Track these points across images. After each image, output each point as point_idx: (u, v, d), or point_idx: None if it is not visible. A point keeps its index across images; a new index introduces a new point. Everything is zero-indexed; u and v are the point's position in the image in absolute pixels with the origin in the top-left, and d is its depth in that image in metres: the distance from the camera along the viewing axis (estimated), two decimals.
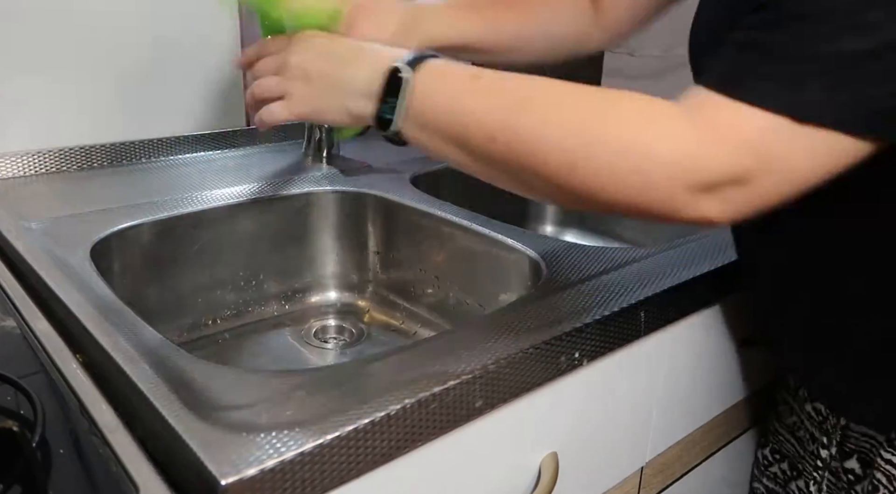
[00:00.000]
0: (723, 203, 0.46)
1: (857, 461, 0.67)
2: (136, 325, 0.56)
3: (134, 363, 0.51)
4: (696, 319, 0.72)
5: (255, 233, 0.89)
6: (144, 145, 1.00)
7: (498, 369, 0.53)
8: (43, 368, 0.54)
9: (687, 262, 0.72)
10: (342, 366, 0.52)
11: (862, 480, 0.67)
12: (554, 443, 0.63)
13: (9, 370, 0.51)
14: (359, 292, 0.97)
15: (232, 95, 1.06)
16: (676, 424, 0.77)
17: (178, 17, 0.98)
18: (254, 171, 0.98)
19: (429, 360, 0.53)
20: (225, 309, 0.89)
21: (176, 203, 0.84)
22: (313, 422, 0.45)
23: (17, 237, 0.72)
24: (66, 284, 0.62)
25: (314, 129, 1.06)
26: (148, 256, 0.80)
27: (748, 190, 0.45)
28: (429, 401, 0.49)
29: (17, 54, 0.88)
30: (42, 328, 0.59)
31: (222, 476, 0.40)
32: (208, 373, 0.50)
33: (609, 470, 0.71)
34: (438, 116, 0.51)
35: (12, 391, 0.50)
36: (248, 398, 0.48)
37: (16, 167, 0.90)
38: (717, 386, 0.81)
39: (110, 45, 0.94)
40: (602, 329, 0.61)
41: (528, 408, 0.58)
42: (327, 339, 0.90)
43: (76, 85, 0.93)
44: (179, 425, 0.44)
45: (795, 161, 0.44)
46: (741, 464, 0.91)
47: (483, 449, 0.57)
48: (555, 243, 0.78)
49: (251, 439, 0.43)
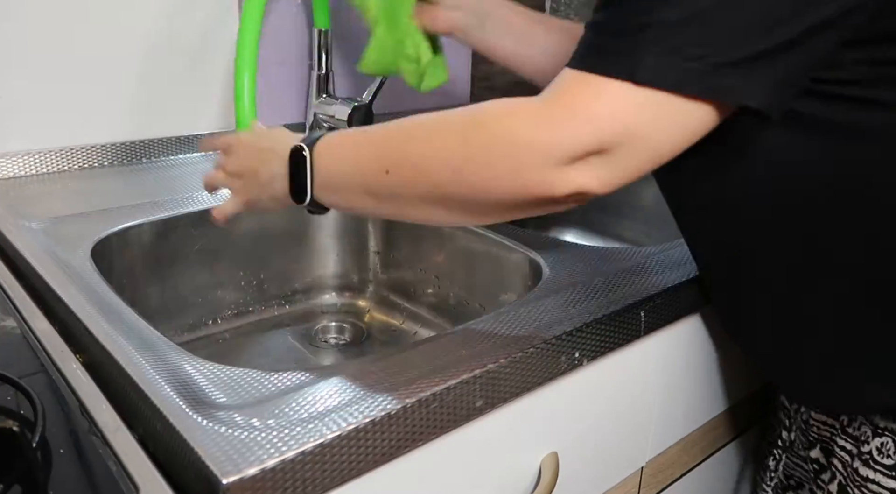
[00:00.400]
0: (592, 173, 0.48)
1: (819, 450, 0.68)
2: (136, 325, 0.56)
3: (134, 363, 0.51)
4: (696, 319, 0.73)
5: (255, 233, 0.89)
6: (144, 145, 1.00)
7: (498, 368, 0.53)
8: (43, 368, 0.54)
9: (687, 262, 0.72)
10: (342, 366, 0.52)
11: (826, 469, 0.68)
12: (554, 443, 0.63)
13: (9, 370, 0.51)
14: (359, 293, 0.97)
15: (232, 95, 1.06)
16: (676, 424, 0.77)
17: (177, 17, 0.98)
18: None
19: (429, 360, 0.53)
20: (225, 309, 0.89)
21: (176, 203, 0.84)
22: (314, 421, 0.45)
23: (17, 237, 0.72)
24: (66, 284, 0.62)
25: (314, 129, 1.06)
26: (148, 256, 0.80)
27: (613, 158, 0.48)
28: (429, 401, 0.49)
29: (17, 54, 0.88)
30: (42, 327, 0.59)
31: (223, 476, 0.40)
32: (208, 373, 0.50)
33: (609, 470, 0.71)
34: (342, 174, 0.58)
35: (12, 391, 0.50)
36: (248, 397, 0.48)
37: (16, 167, 0.90)
38: (716, 386, 0.81)
39: (110, 46, 0.94)
40: (602, 329, 0.61)
41: (528, 408, 0.58)
42: (328, 339, 0.90)
43: (76, 85, 0.93)
44: (180, 424, 0.44)
45: (648, 126, 0.48)
46: (741, 464, 0.91)
47: (483, 449, 0.57)
48: (555, 243, 0.78)
49: (252, 438, 0.43)
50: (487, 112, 0.51)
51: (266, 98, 1.09)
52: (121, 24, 0.94)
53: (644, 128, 0.48)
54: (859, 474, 0.62)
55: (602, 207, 1.16)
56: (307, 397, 0.48)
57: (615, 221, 1.14)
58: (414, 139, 0.54)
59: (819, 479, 0.69)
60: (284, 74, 1.09)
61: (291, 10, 1.07)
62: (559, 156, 0.48)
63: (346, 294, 0.97)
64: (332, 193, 0.58)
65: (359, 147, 0.57)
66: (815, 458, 0.69)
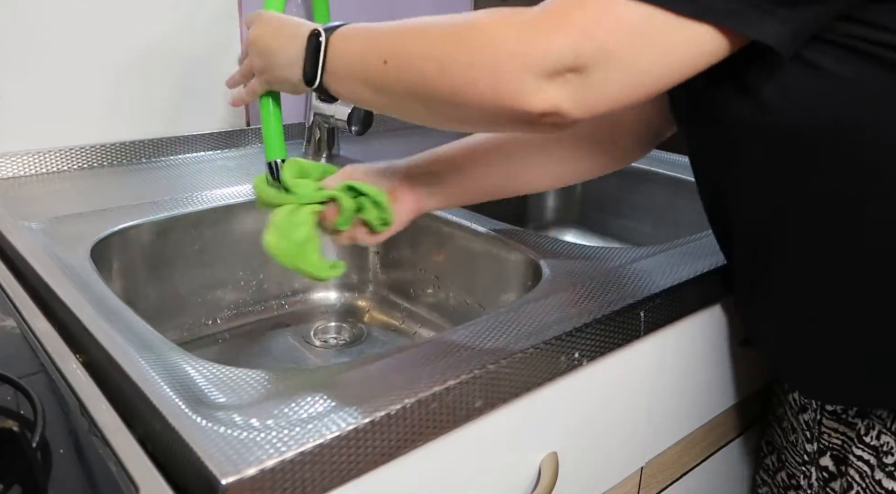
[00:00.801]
0: (569, 91, 0.48)
1: (830, 458, 0.68)
2: (136, 325, 0.56)
3: (134, 363, 0.51)
4: (695, 319, 0.72)
5: (255, 233, 0.89)
6: (144, 145, 1.00)
7: (498, 369, 0.53)
8: (43, 368, 0.54)
9: (687, 262, 0.72)
10: (342, 366, 0.52)
11: (837, 477, 0.67)
12: (554, 443, 0.63)
13: (9, 370, 0.51)
14: (359, 293, 0.97)
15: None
16: (676, 424, 0.77)
17: (178, 18, 0.98)
18: (254, 171, 0.98)
19: (429, 360, 0.53)
20: (225, 309, 0.89)
21: (176, 203, 0.84)
22: (313, 422, 0.45)
23: (17, 237, 0.72)
24: (66, 284, 0.62)
25: (314, 128, 1.06)
26: (148, 256, 0.80)
27: (590, 78, 0.47)
28: (429, 401, 0.49)
29: (17, 54, 0.88)
30: (42, 328, 0.59)
31: (222, 476, 0.40)
32: (208, 373, 0.50)
33: (609, 470, 0.71)
34: (350, 63, 0.58)
35: (12, 391, 0.50)
36: (248, 397, 0.48)
37: (16, 167, 0.90)
38: (716, 386, 0.81)
39: (111, 46, 0.94)
40: (602, 329, 0.61)
41: (528, 408, 0.58)
42: (327, 339, 0.90)
43: (77, 85, 0.93)
44: (179, 425, 0.44)
45: (627, 45, 0.47)
46: (741, 464, 0.91)
47: (483, 449, 0.57)
48: (555, 243, 0.78)
49: (251, 438, 0.43)
50: (483, 18, 0.51)
51: None
52: (121, 24, 0.94)
53: (624, 46, 0.47)
54: (883, 486, 0.61)
55: (602, 207, 1.16)
56: (306, 397, 0.48)
57: (615, 221, 1.14)
58: (413, 32, 0.55)
59: (829, 487, 0.68)
60: None
61: (291, 9, 1.08)
62: (537, 66, 0.47)
63: (346, 294, 0.97)
64: (338, 80, 0.59)
65: (368, 37, 0.58)
66: (825, 466, 0.68)
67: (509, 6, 0.50)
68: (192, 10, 0.99)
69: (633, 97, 0.49)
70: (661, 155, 1.11)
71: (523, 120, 0.50)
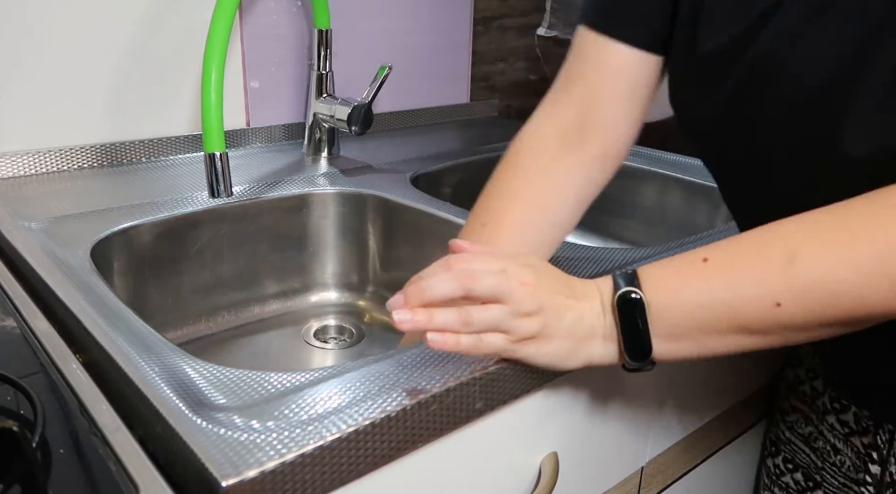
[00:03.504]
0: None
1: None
2: (136, 325, 0.56)
3: (134, 363, 0.51)
4: None
5: (254, 233, 0.89)
6: (144, 145, 1.00)
7: (498, 370, 0.53)
8: (43, 368, 0.54)
9: None
10: (342, 367, 0.52)
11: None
12: (554, 443, 0.63)
13: (9, 370, 0.51)
14: (359, 293, 0.97)
15: (232, 95, 1.06)
16: (676, 424, 0.77)
17: (178, 17, 0.98)
18: (254, 171, 0.98)
19: (429, 361, 0.53)
20: (225, 309, 0.89)
21: (176, 203, 0.84)
22: (314, 423, 0.45)
23: (17, 237, 0.71)
24: (66, 284, 0.62)
25: (314, 128, 1.06)
26: (148, 256, 0.80)
27: None
28: (429, 402, 0.49)
29: (17, 54, 0.87)
30: (42, 328, 0.59)
31: (223, 478, 0.40)
32: (208, 374, 0.50)
33: (609, 470, 0.71)
34: (694, 318, 0.47)
35: (12, 391, 0.50)
36: (247, 399, 0.48)
37: (16, 167, 0.90)
38: (717, 386, 0.81)
39: (111, 46, 0.94)
40: None
41: (528, 409, 0.58)
42: (327, 339, 0.90)
43: (76, 85, 0.93)
44: (179, 425, 0.44)
45: None
46: (741, 465, 0.91)
47: (483, 450, 0.57)
48: None
49: (251, 440, 0.43)
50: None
51: (266, 98, 1.09)
52: (121, 24, 0.94)
53: None
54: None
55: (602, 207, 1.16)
56: (307, 398, 0.48)
57: (615, 221, 1.14)
58: (805, 258, 0.44)
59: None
60: (284, 74, 1.09)
61: (291, 10, 1.07)
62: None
63: (346, 294, 0.97)
64: (678, 341, 0.48)
65: (717, 280, 0.46)
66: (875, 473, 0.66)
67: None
68: (194, 11, 0.99)
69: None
70: (662, 155, 1.11)
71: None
